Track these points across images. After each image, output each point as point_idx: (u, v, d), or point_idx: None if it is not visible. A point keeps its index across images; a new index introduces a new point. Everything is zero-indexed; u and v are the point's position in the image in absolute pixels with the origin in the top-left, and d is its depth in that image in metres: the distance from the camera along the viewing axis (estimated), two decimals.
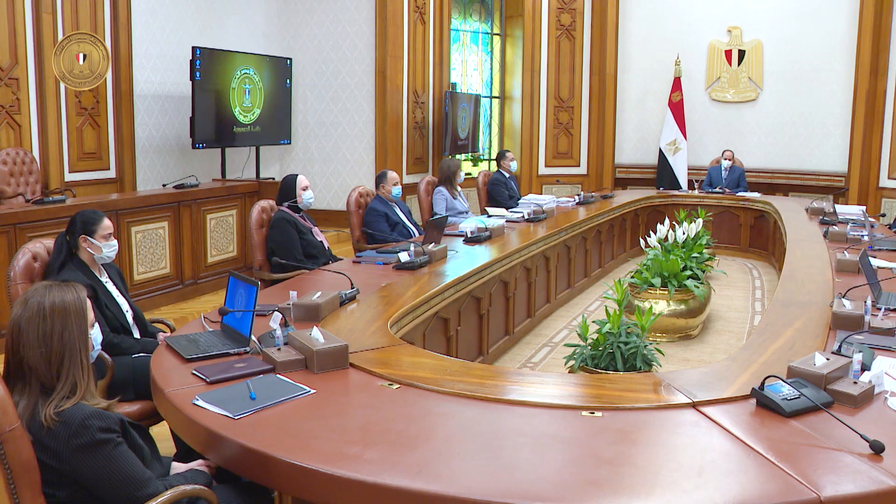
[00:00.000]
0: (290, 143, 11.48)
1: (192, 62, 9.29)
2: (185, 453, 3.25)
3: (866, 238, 7.11)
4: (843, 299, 4.36)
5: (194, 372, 3.21)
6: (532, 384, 3.35)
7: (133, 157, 9.28)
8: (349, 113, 11.63)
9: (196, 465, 2.86)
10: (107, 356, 3.69)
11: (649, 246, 7.27)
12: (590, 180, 13.42)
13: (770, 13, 12.82)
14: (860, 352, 3.34)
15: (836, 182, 12.45)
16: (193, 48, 9.30)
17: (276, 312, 3.61)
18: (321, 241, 6.08)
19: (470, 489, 2.32)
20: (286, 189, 6.03)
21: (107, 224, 4.12)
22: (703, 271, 7.33)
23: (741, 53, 13.09)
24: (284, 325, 3.59)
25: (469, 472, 2.43)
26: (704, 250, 7.73)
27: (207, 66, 9.55)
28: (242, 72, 10.14)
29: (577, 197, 9.85)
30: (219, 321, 3.83)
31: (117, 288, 4.18)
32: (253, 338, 3.50)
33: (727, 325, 7.42)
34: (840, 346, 3.55)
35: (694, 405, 2.96)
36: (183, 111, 9.64)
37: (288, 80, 11.14)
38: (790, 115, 12.82)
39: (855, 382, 3.07)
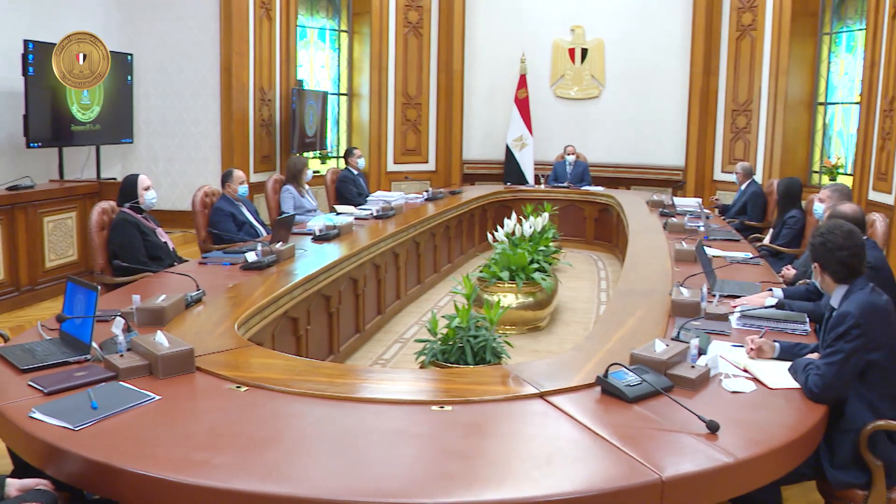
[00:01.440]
0: (132, 142, 11.10)
1: (25, 56, 8.83)
2: (23, 470, 3.09)
3: (702, 229, 7.43)
4: (680, 287, 4.55)
5: (31, 383, 3.07)
6: (382, 381, 3.37)
7: None
8: (194, 110, 11.35)
9: (33, 483, 2.70)
10: None
11: (497, 240, 7.39)
12: (438, 176, 13.54)
13: (610, 13, 13.26)
14: (697, 337, 3.51)
15: (675, 176, 12.97)
16: (25, 41, 8.84)
17: (118, 317, 3.49)
18: (166, 243, 5.93)
19: (322, 489, 2.32)
20: (127, 189, 5.85)
21: None
22: (550, 264, 7.50)
23: (584, 52, 13.47)
24: (127, 330, 3.47)
25: (321, 472, 2.42)
26: (551, 243, 7.91)
27: (41, 60, 9.10)
28: None
29: (425, 193, 9.92)
30: (57, 329, 3.68)
31: None
32: (94, 345, 3.38)
33: (574, 316, 7.61)
34: (679, 333, 3.71)
35: (541, 395, 3.03)
36: (15, 108, 9.15)
37: (129, 77, 10.77)
38: (631, 111, 13.28)
39: (693, 366, 3.21)
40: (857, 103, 10.81)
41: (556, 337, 6.94)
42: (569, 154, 11.90)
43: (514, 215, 7.87)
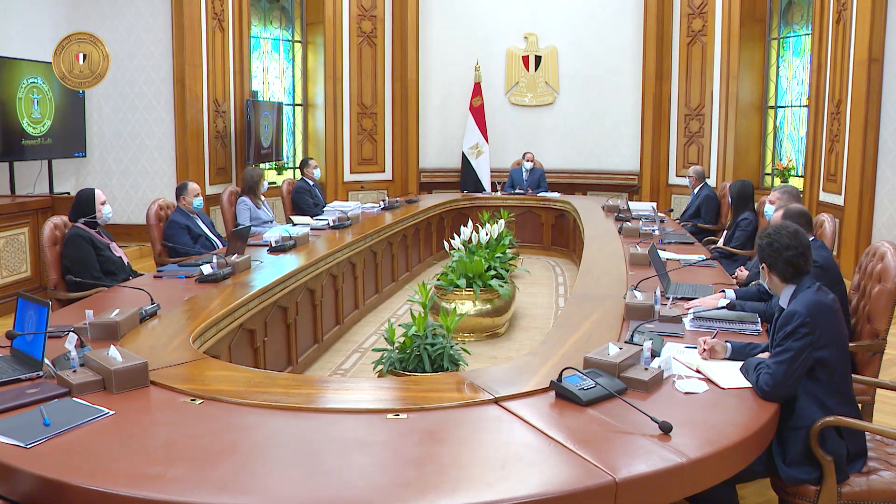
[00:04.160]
0: (85, 156, 10.97)
1: None
2: None
3: (657, 232, 7.50)
4: (635, 291, 4.59)
5: None
6: (337, 391, 3.36)
7: None
8: (147, 123, 11.23)
9: None
10: None
11: (454, 248, 7.40)
12: (395, 185, 13.54)
13: (563, 20, 13.37)
14: (650, 339, 3.54)
15: (630, 180, 13.09)
16: None
17: (71, 333, 3.45)
18: (120, 257, 5.88)
19: (278, 499, 2.31)
20: (83, 204, 5.80)
21: None
22: (508, 270, 7.53)
23: (538, 59, 13.56)
24: (80, 345, 3.44)
25: (277, 483, 2.41)
26: (508, 250, 7.94)
27: None
28: (30, 81, 9.62)
29: (382, 202, 9.91)
30: (8, 346, 3.62)
31: None
32: (46, 361, 3.34)
33: (532, 322, 7.64)
34: (632, 336, 3.75)
35: (496, 401, 3.04)
36: None
37: (81, 90, 10.65)
38: (585, 117, 13.40)
39: (646, 369, 3.24)
40: (805, 106, 11.00)
41: (514, 343, 6.97)
42: (527, 160, 11.96)
43: (470, 223, 7.90)
